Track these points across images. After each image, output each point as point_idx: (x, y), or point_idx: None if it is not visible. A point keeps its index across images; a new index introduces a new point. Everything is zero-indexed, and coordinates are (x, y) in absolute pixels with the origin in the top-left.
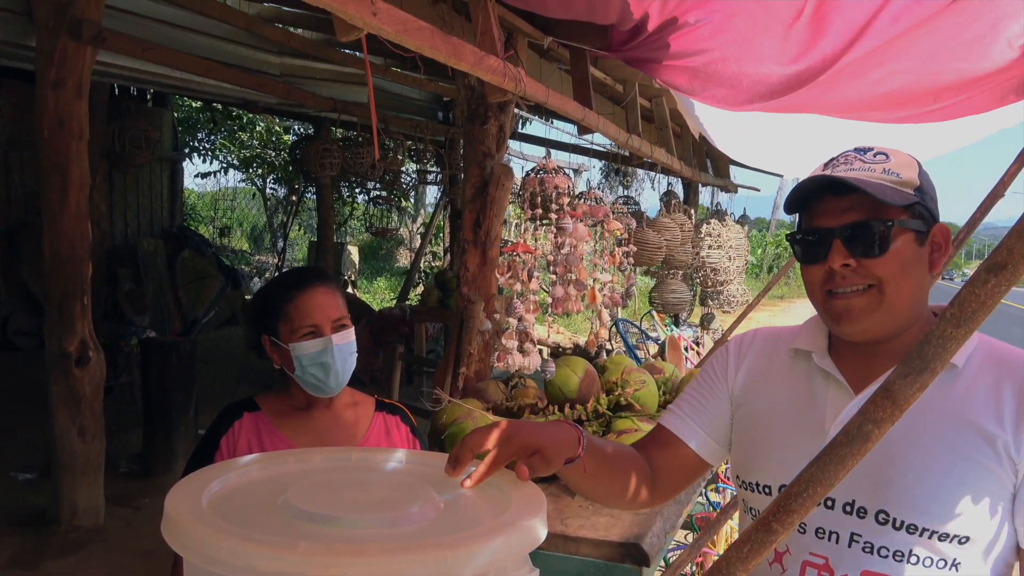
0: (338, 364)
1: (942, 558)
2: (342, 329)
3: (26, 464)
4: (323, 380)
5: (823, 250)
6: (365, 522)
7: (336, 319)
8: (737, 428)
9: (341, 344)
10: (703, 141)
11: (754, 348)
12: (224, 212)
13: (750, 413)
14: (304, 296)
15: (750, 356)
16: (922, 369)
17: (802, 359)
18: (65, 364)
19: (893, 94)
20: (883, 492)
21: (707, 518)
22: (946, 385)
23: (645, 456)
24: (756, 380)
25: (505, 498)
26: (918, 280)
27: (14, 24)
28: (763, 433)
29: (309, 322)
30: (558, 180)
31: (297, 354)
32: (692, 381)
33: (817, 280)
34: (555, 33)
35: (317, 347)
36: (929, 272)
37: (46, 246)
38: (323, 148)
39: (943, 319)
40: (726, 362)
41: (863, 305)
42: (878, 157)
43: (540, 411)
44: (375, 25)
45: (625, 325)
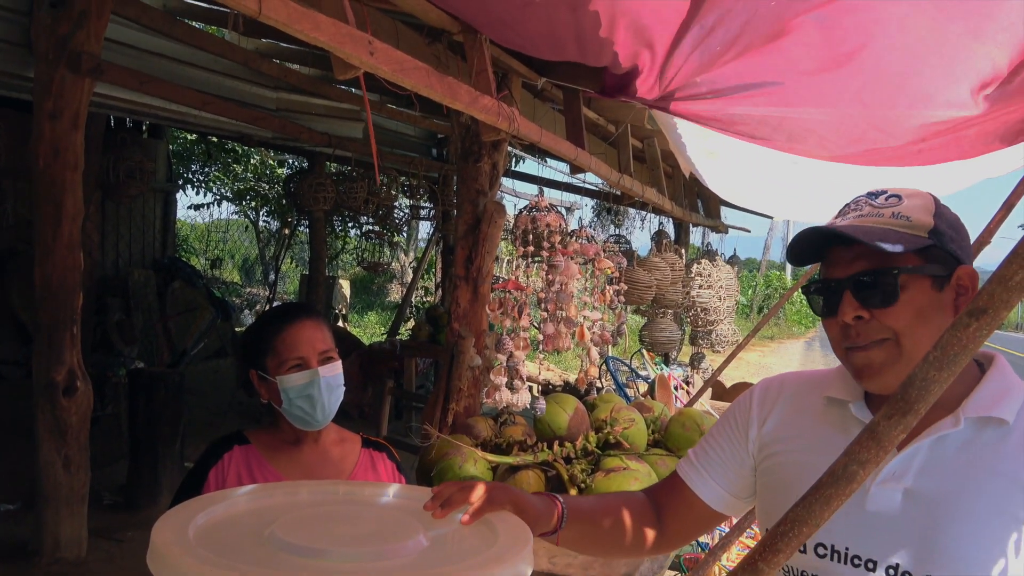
0: (324, 396)
1: None
2: (329, 362)
3: (8, 495)
4: (310, 413)
5: (835, 303)
6: (352, 555)
7: (323, 351)
8: (764, 480)
9: (328, 376)
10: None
11: (783, 395)
12: (216, 244)
13: (780, 465)
14: (291, 329)
15: (780, 404)
16: (905, 411)
17: (836, 407)
18: (52, 394)
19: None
20: (930, 557)
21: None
22: (997, 443)
23: (655, 502)
24: (786, 429)
25: (492, 533)
26: (940, 327)
27: (13, 55)
28: (796, 486)
29: (296, 354)
30: (550, 218)
31: (284, 387)
32: (714, 427)
33: (836, 335)
34: (549, 74)
35: (304, 379)
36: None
37: (37, 275)
38: (317, 182)
39: (926, 362)
40: (748, 411)
41: (882, 359)
42: (890, 200)
43: (529, 448)
44: (372, 64)
45: (615, 363)
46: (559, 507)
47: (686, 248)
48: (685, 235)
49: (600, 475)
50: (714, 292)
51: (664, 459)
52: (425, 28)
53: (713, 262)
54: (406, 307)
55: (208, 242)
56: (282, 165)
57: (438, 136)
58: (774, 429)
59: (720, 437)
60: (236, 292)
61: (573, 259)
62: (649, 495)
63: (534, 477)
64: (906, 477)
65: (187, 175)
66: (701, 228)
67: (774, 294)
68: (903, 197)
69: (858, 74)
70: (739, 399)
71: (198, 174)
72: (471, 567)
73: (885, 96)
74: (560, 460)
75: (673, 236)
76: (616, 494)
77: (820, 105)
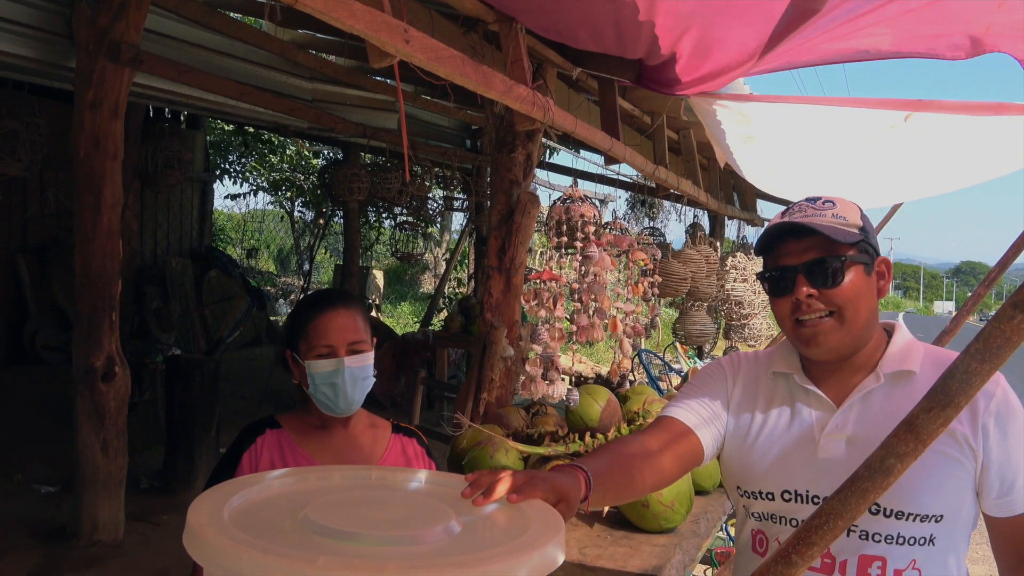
0: (348, 386)
1: (923, 535)
2: (357, 353)
3: (49, 477)
4: (332, 400)
5: (789, 284)
6: (383, 539)
7: (352, 342)
8: (732, 442)
9: (353, 367)
10: (730, 174)
11: (743, 369)
12: (252, 234)
13: (745, 429)
14: (324, 317)
15: (741, 376)
16: (946, 404)
17: (782, 380)
18: (91, 379)
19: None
20: None
21: (727, 553)
22: (908, 388)
23: (653, 443)
24: (747, 398)
25: (524, 520)
26: (869, 304)
27: (55, 46)
28: (759, 447)
29: (324, 342)
30: (584, 209)
31: (311, 372)
32: (695, 384)
33: (786, 311)
34: (584, 64)
35: (329, 367)
36: (878, 298)
37: (77, 263)
38: (351, 173)
39: (967, 354)
40: (724, 374)
41: (828, 329)
42: (826, 204)
43: (560, 439)
44: (408, 52)
45: (648, 356)
46: (584, 476)
47: (721, 241)
48: (720, 228)
49: None
50: (749, 286)
51: None
52: (460, 17)
53: (748, 255)
54: (439, 298)
55: (244, 232)
56: (317, 156)
57: (472, 127)
58: (739, 397)
59: (705, 389)
60: (271, 282)
61: (607, 250)
62: (642, 440)
63: None
64: (846, 427)
65: (224, 165)
66: (736, 221)
67: None
68: (836, 203)
69: None
70: (711, 365)
71: (235, 164)
72: (504, 553)
73: None
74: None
75: (708, 229)
76: (616, 445)
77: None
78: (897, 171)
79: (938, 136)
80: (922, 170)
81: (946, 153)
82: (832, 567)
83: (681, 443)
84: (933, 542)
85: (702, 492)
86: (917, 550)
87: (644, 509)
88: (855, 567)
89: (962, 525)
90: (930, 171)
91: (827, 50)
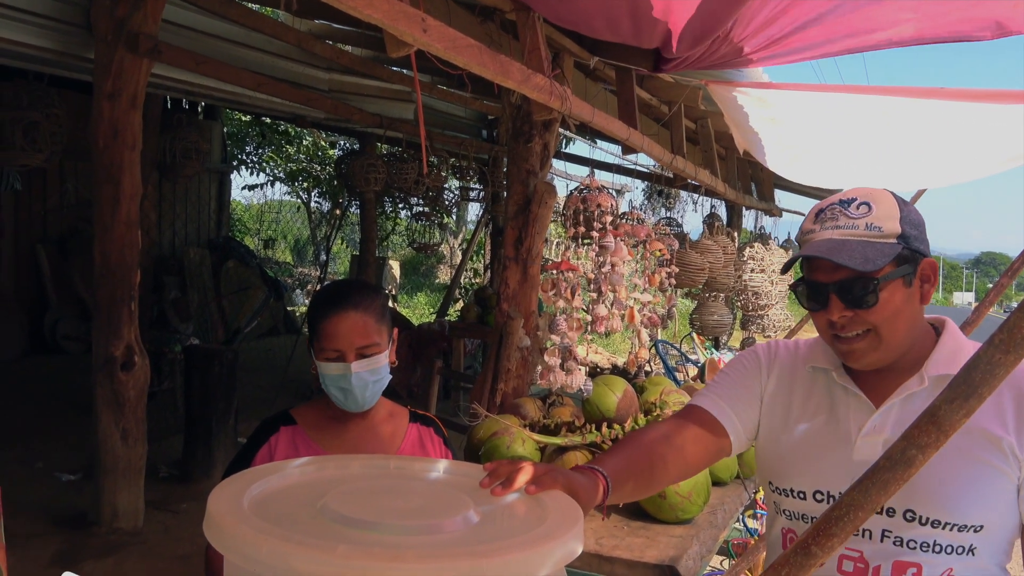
0: (357, 391)
1: (961, 545)
2: (367, 356)
3: (70, 465)
4: (342, 401)
5: (823, 301)
6: (403, 529)
7: (361, 346)
8: (765, 435)
9: (362, 372)
10: (748, 163)
11: (779, 360)
12: (269, 224)
13: (779, 423)
14: (334, 319)
15: (776, 367)
16: (969, 395)
17: (821, 375)
18: (111, 368)
19: None
20: (908, 494)
21: (744, 544)
22: None
23: (679, 433)
24: (782, 390)
25: (542, 510)
26: (910, 316)
27: (74, 37)
28: (794, 442)
29: (333, 346)
30: (601, 198)
31: (321, 372)
32: (727, 372)
33: (822, 324)
34: (601, 53)
35: (337, 371)
36: (920, 304)
37: (97, 253)
38: (368, 163)
39: (991, 345)
40: (759, 363)
41: (864, 347)
42: (860, 209)
43: (577, 429)
44: (425, 41)
45: (665, 347)
46: (603, 482)
47: (738, 232)
48: (737, 218)
49: None
50: (766, 276)
51: None
52: (477, 6)
53: (766, 246)
54: (455, 288)
55: (261, 222)
56: (334, 146)
57: (488, 117)
58: (774, 387)
59: (738, 380)
60: (288, 272)
61: (624, 240)
62: (667, 430)
63: (582, 458)
64: (884, 430)
65: (241, 156)
66: (754, 211)
67: None
68: (872, 206)
69: None
70: (746, 352)
71: (252, 155)
72: (522, 544)
73: None
74: (609, 442)
75: (725, 219)
76: (639, 435)
77: None
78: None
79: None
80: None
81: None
82: (865, 572)
83: (707, 434)
84: (973, 552)
85: (719, 483)
86: (955, 559)
87: (661, 500)
88: (888, 573)
89: (1004, 535)
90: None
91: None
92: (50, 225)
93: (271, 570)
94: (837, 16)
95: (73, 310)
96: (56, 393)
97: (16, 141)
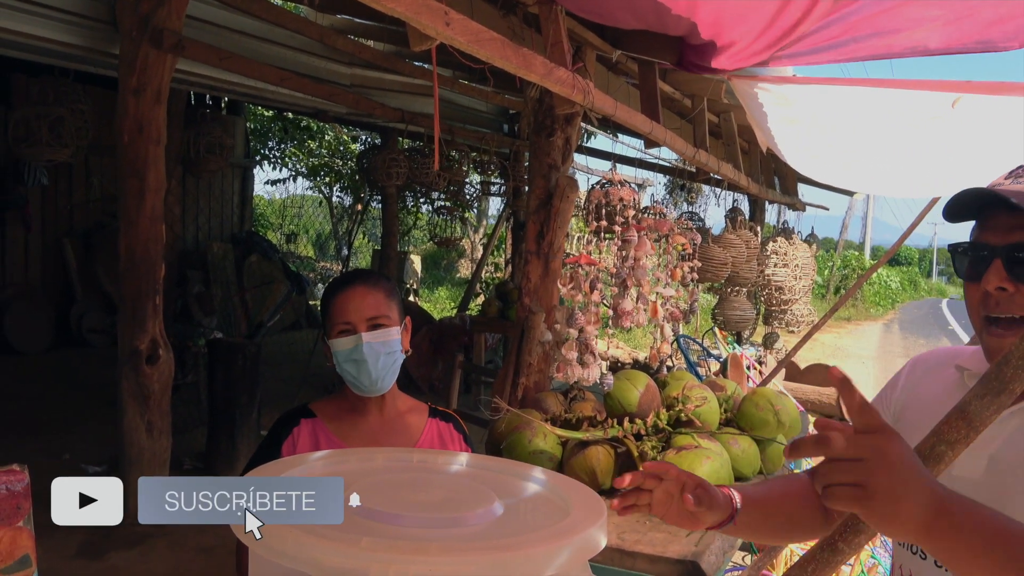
0: (370, 362)
1: None
2: (377, 328)
3: (95, 457)
4: (356, 377)
5: (982, 268)
6: (426, 521)
7: (371, 318)
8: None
9: (373, 342)
10: (771, 157)
11: (927, 366)
12: (291, 219)
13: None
14: (343, 295)
15: (920, 373)
16: (999, 391)
17: (960, 376)
18: (136, 361)
19: None
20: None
21: None
22: None
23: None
24: (920, 398)
25: (565, 504)
26: None
27: (99, 32)
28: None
29: (343, 319)
30: (623, 192)
31: (334, 350)
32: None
33: (974, 301)
34: (624, 46)
35: (349, 344)
36: None
37: (122, 247)
38: (390, 158)
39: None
40: (896, 382)
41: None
42: None
43: (599, 424)
44: (448, 35)
45: (686, 342)
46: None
47: (761, 226)
48: (760, 213)
49: (671, 452)
50: (790, 271)
51: (736, 438)
52: (500, 0)
53: (789, 240)
54: (476, 283)
55: (284, 217)
56: (355, 141)
57: (510, 112)
58: (907, 397)
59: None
60: (310, 266)
61: (646, 235)
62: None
63: (604, 453)
64: (993, 443)
65: (264, 151)
66: (777, 205)
67: (851, 274)
68: None
69: None
70: (888, 383)
71: (274, 150)
72: (546, 537)
73: None
74: (630, 436)
75: (748, 213)
76: (783, 480)
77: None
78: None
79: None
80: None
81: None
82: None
83: None
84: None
85: (742, 479)
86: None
87: None
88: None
89: None
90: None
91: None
92: (76, 219)
93: (296, 562)
94: (862, 15)
95: (99, 303)
96: (82, 385)
97: (42, 136)
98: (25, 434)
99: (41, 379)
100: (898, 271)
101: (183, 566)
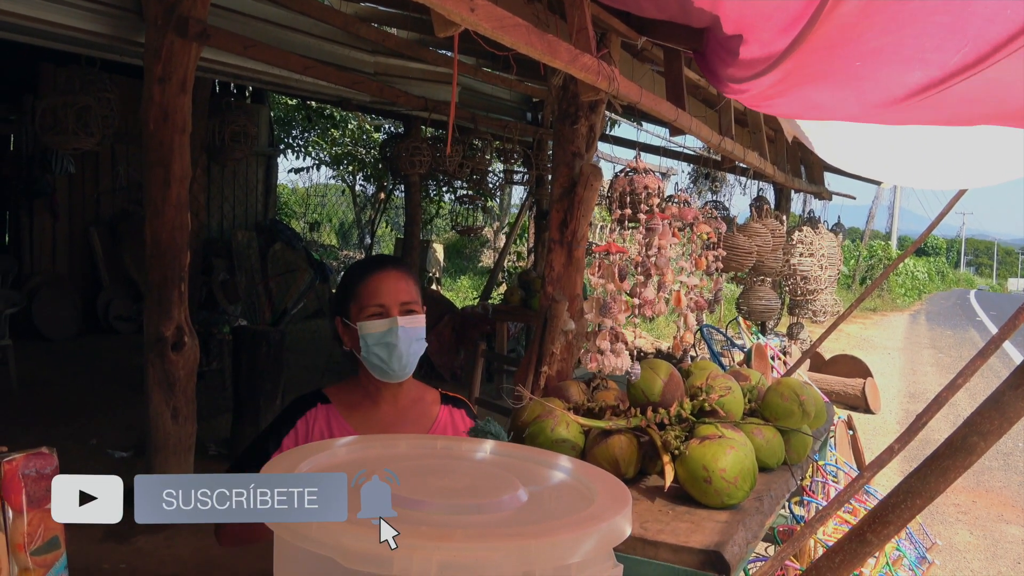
0: (403, 346)
1: None
2: (410, 314)
3: (122, 443)
4: (387, 362)
5: None
6: (450, 508)
7: (404, 302)
8: None
9: (407, 327)
10: (798, 146)
11: None
12: (315, 208)
13: None
14: (375, 278)
15: None
16: None
17: None
18: (161, 348)
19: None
20: None
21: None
22: None
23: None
24: None
25: (589, 492)
26: None
27: (125, 21)
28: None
29: (376, 301)
30: (648, 180)
31: (363, 333)
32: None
33: None
34: (649, 33)
35: (383, 327)
36: None
37: (148, 235)
38: (413, 146)
39: None
40: None
41: None
42: None
43: (622, 413)
44: (473, 21)
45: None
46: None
47: (787, 215)
48: (786, 202)
49: (695, 442)
50: (815, 261)
51: (761, 428)
52: None
53: (815, 230)
54: (498, 272)
55: (307, 206)
56: (378, 130)
57: (533, 100)
58: None
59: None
60: (333, 255)
61: (671, 223)
62: None
63: (627, 442)
64: None
65: (287, 140)
66: (803, 194)
67: (878, 265)
68: None
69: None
70: None
71: (298, 139)
72: (571, 524)
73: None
74: (653, 426)
75: (773, 202)
76: None
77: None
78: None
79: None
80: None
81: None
82: None
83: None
84: None
85: (766, 469)
86: None
87: (707, 485)
88: None
89: None
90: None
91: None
92: (103, 208)
93: (320, 547)
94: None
95: (125, 291)
96: (108, 372)
97: (69, 125)
98: (53, 419)
99: (68, 365)
100: (925, 261)
101: (208, 550)
